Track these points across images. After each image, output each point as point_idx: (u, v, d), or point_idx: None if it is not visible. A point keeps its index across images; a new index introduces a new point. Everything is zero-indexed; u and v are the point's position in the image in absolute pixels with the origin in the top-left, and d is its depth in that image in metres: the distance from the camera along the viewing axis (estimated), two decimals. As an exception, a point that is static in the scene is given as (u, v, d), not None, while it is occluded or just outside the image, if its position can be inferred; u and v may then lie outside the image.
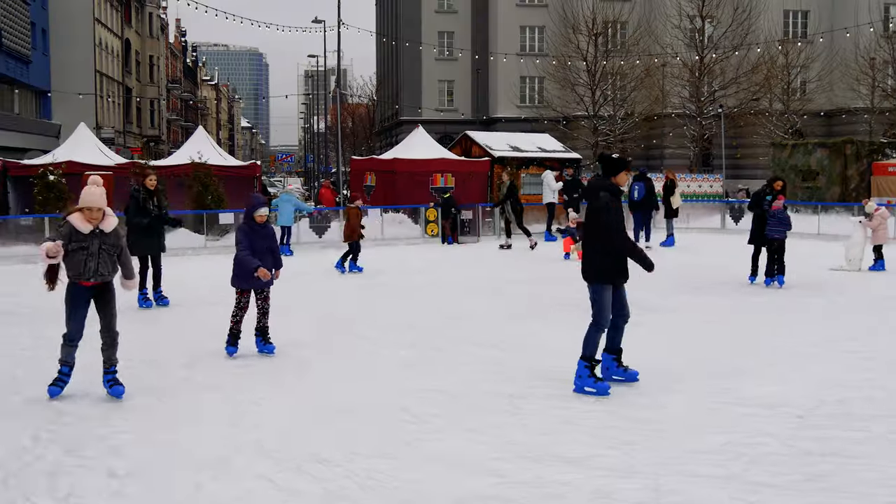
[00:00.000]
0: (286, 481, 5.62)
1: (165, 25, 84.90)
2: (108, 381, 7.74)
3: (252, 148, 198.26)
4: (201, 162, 24.30)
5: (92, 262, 7.47)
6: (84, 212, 7.48)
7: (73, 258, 7.43)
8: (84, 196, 7.52)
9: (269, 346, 9.54)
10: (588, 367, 7.79)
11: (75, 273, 7.47)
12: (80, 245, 7.42)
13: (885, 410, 7.14)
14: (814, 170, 30.29)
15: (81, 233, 7.42)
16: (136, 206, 12.96)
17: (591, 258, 7.87)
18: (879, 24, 48.04)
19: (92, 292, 7.63)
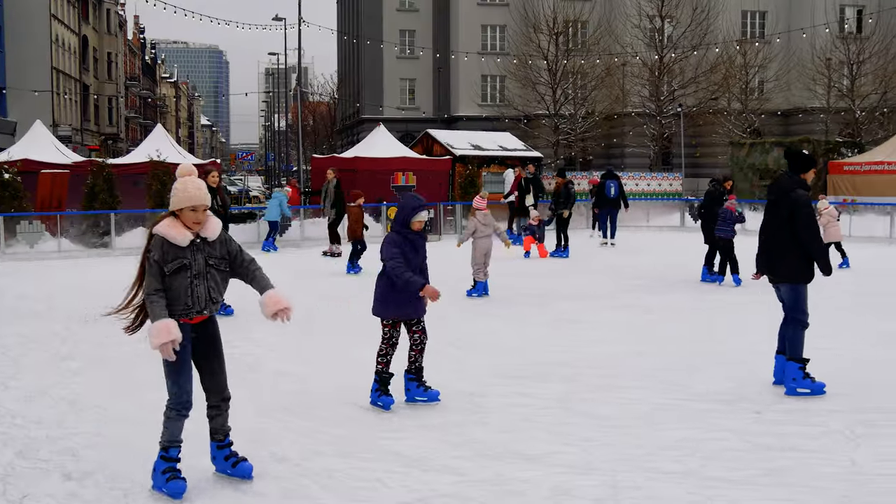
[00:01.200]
0: (245, 481, 5.56)
1: (123, 22, 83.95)
2: (227, 457, 5.67)
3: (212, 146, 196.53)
4: (160, 160, 24.04)
5: (201, 287, 5.33)
6: (183, 215, 5.31)
7: (172, 285, 5.26)
8: (183, 192, 5.30)
9: (432, 391, 7.43)
10: (801, 368, 7.59)
11: (179, 307, 5.28)
12: (181, 264, 5.27)
13: (843, 406, 7.23)
14: (771, 168, 30.65)
15: (179, 246, 5.28)
16: None
17: (784, 257, 7.65)
18: (835, 25, 48.73)
19: (194, 332, 5.47)
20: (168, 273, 5.22)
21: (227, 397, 5.63)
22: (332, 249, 20.08)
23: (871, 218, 25.09)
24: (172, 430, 5.44)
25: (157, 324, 5.10)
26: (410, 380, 7.44)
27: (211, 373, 5.55)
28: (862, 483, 5.51)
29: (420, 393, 7.41)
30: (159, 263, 5.21)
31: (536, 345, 9.93)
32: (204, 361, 5.53)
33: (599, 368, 8.68)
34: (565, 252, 19.96)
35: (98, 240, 21.61)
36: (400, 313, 7.24)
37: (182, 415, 5.42)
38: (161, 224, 5.29)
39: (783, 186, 7.70)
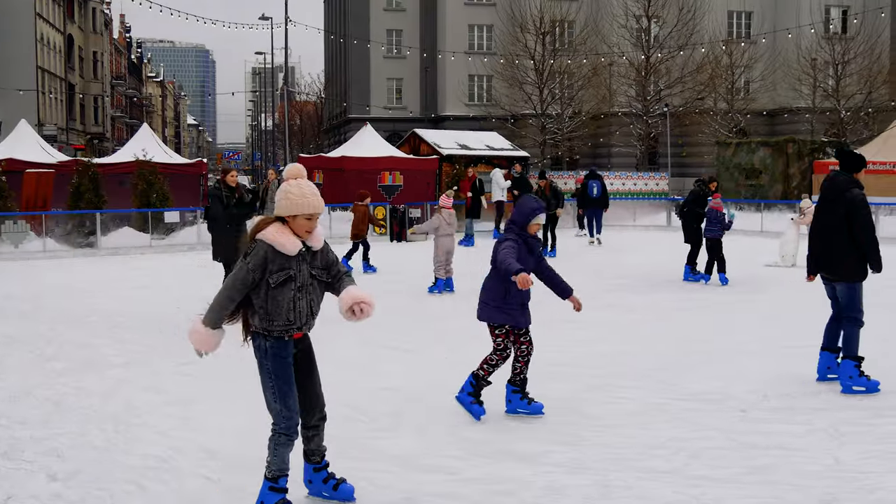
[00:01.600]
0: (232, 482, 5.55)
1: (109, 21, 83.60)
2: (326, 479, 5.26)
3: (199, 146, 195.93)
4: (146, 160, 23.96)
5: (303, 301, 4.93)
6: (295, 222, 4.88)
7: (276, 298, 4.84)
8: (301, 197, 4.84)
9: (536, 404, 7.03)
10: (857, 366, 7.63)
11: (281, 322, 4.89)
12: (288, 275, 4.84)
13: (827, 404, 7.27)
14: (757, 168, 30.78)
15: (286, 255, 4.82)
16: (220, 205, 11.57)
17: (843, 256, 7.70)
18: (820, 26, 48.97)
19: (295, 347, 5.08)
20: (273, 285, 4.79)
21: (325, 416, 5.26)
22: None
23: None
24: (283, 456, 4.98)
25: (204, 329, 4.84)
26: (514, 391, 7.02)
27: (312, 390, 5.15)
28: (846, 481, 5.54)
29: (524, 405, 6.99)
30: (254, 273, 4.77)
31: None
32: (304, 378, 5.10)
33: (589, 368, 8.70)
34: (553, 252, 19.99)
35: (83, 240, 21.51)
36: (511, 321, 6.86)
37: (292, 439, 4.97)
38: (268, 230, 4.80)
39: (839, 186, 7.80)
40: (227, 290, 4.82)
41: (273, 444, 4.97)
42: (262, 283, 4.79)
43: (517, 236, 6.87)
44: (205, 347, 4.89)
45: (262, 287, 4.80)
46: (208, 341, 4.86)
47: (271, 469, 4.99)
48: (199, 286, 15.03)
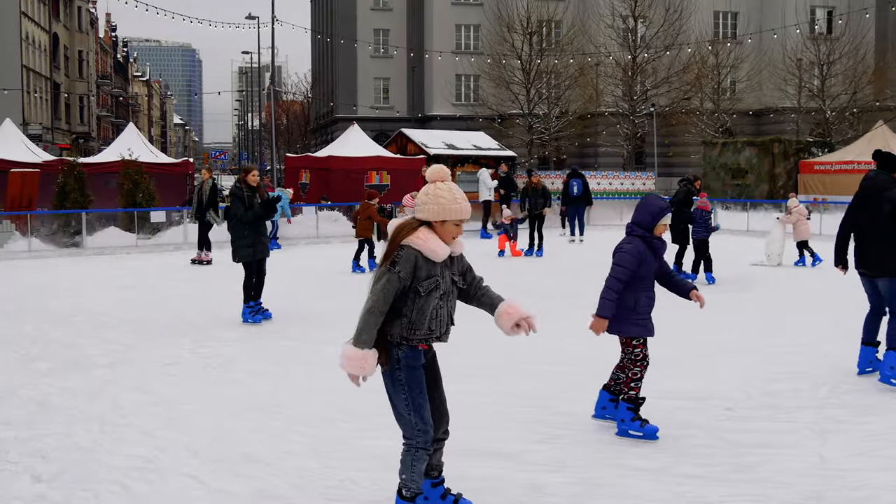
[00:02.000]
0: (216, 481, 5.54)
1: (95, 20, 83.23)
2: (444, 495, 5.00)
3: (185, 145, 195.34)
4: (132, 159, 23.89)
5: (444, 310, 4.69)
6: (445, 227, 4.63)
7: (422, 307, 4.59)
8: (453, 201, 4.61)
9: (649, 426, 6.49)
10: None
11: (423, 331, 4.63)
12: (435, 283, 4.60)
13: (810, 402, 7.31)
14: (743, 168, 30.91)
15: (433, 262, 4.59)
16: (242, 205, 11.14)
17: (886, 253, 7.80)
18: (806, 26, 49.19)
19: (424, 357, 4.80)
20: (423, 293, 4.54)
21: (449, 430, 5.01)
22: (202, 257, 18.71)
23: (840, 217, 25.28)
24: (420, 472, 4.76)
25: (360, 352, 4.50)
26: (611, 400, 6.69)
27: (440, 401, 4.89)
28: (830, 478, 5.57)
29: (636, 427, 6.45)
30: (404, 281, 4.49)
31: (510, 343, 9.93)
32: (432, 390, 4.82)
33: (572, 366, 8.72)
34: (540, 251, 20.02)
35: (69, 239, 21.42)
36: (646, 333, 6.49)
37: (428, 452, 4.73)
38: (417, 236, 4.53)
39: (880, 186, 8.02)
40: (376, 305, 4.49)
41: (410, 460, 4.70)
42: (409, 291, 4.53)
43: (642, 239, 6.46)
44: (363, 372, 4.52)
45: (410, 295, 4.55)
46: (366, 364, 4.51)
47: (409, 488, 4.75)
48: (186, 286, 15.02)
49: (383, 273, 4.52)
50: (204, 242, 18.68)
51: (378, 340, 4.56)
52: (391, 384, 4.71)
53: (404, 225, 4.60)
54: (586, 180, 23.66)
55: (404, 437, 4.74)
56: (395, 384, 4.68)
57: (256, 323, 11.15)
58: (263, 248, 11.41)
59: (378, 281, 4.53)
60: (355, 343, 4.50)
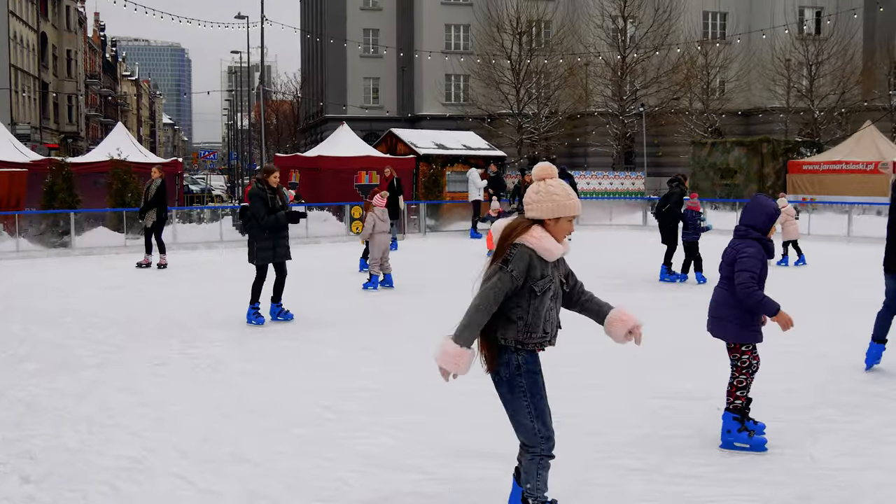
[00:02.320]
0: (206, 482, 5.52)
1: (83, 19, 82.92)
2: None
3: (174, 145, 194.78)
4: (121, 159, 23.81)
5: (554, 312, 4.55)
6: (559, 225, 4.48)
7: (538, 308, 4.43)
8: (567, 198, 4.48)
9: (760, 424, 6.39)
10: None
11: (538, 334, 4.48)
12: (549, 283, 4.45)
13: (803, 402, 7.33)
14: (732, 168, 30.99)
15: (546, 262, 4.43)
16: (264, 206, 10.89)
17: None
18: (794, 27, 49.36)
19: None
20: (539, 293, 4.38)
21: None
22: (148, 260, 17.89)
23: (829, 216, 25.44)
24: (545, 480, 4.56)
25: (459, 349, 4.28)
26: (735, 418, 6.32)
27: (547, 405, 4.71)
28: (820, 478, 5.59)
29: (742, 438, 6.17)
30: (516, 280, 4.32)
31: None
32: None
33: (563, 366, 8.69)
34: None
35: (57, 240, 21.32)
36: (758, 339, 6.22)
37: (552, 458, 4.57)
38: (531, 234, 4.37)
39: None
40: (484, 303, 4.32)
41: (535, 468, 4.52)
42: (523, 292, 4.35)
43: (760, 242, 6.14)
44: (458, 370, 4.30)
45: (526, 296, 4.37)
46: (461, 363, 4.28)
47: (537, 497, 4.56)
48: (175, 286, 14.97)
49: (494, 271, 4.35)
50: (150, 245, 17.91)
51: (490, 346, 4.43)
52: (510, 391, 4.50)
53: (517, 223, 4.45)
54: (574, 180, 23.82)
55: (526, 446, 4.54)
56: (514, 391, 4.48)
57: (259, 324, 11.04)
58: (285, 251, 11.23)
59: (489, 279, 4.36)
60: (456, 339, 4.29)
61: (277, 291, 11.31)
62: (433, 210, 27.13)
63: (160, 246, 17.72)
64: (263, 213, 10.84)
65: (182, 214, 23.26)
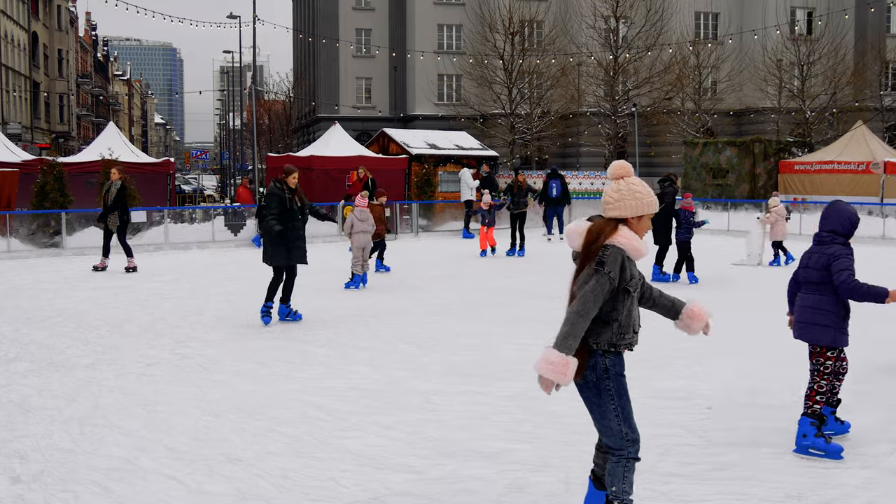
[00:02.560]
0: (197, 482, 5.51)
1: (75, 19, 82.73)
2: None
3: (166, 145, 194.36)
4: (112, 159, 23.74)
5: (636, 311, 4.53)
6: (641, 223, 4.46)
7: (630, 309, 4.43)
8: (648, 195, 4.45)
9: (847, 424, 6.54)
10: None
11: (629, 336, 4.47)
12: (637, 285, 4.44)
13: (790, 401, 7.34)
14: (724, 168, 31.03)
15: (634, 262, 4.41)
16: (278, 206, 10.82)
17: None
18: (786, 27, 49.48)
19: None
20: (633, 293, 4.36)
21: None
22: (104, 263, 17.18)
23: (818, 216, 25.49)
24: (631, 483, 4.47)
25: (564, 357, 4.15)
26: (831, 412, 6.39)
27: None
28: (810, 476, 5.61)
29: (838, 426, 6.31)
30: (613, 282, 4.23)
31: (493, 343, 9.96)
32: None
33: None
34: (521, 251, 20.05)
35: (48, 240, 21.26)
36: (847, 342, 6.14)
37: (638, 461, 4.50)
38: (622, 234, 4.30)
39: None
40: (586, 308, 4.21)
41: (622, 471, 4.43)
42: (618, 293, 4.29)
43: (847, 247, 6.14)
44: (563, 380, 4.17)
45: (620, 297, 4.31)
46: (567, 371, 4.15)
47: (623, 501, 4.45)
48: (167, 286, 14.95)
49: (590, 275, 4.23)
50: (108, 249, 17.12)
51: (582, 352, 4.32)
52: (597, 395, 4.41)
53: (603, 224, 4.35)
54: (565, 180, 23.99)
55: (612, 449, 4.46)
56: (602, 395, 4.39)
57: (265, 324, 11.00)
58: (300, 253, 11.13)
59: (586, 283, 4.23)
60: (559, 347, 4.16)
61: (286, 293, 11.26)
62: (425, 210, 27.14)
63: (126, 249, 17.09)
64: (274, 212, 10.74)
65: (174, 214, 23.19)
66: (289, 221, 10.89)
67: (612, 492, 4.45)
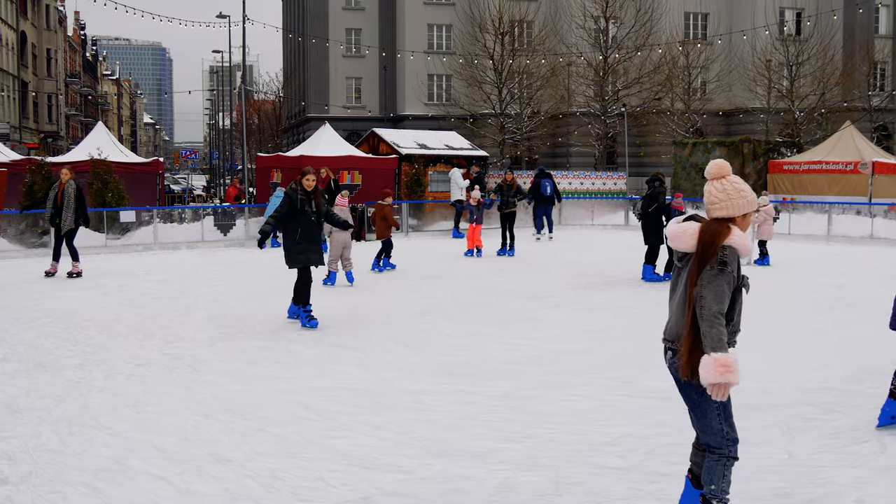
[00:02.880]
0: (186, 482, 5.51)
1: (63, 18, 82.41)
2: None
3: (155, 144, 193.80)
4: (101, 158, 23.67)
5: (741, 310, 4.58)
6: (745, 221, 4.54)
7: (739, 308, 4.52)
8: (750, 193, 4.53)
9: None
10: None
11: (737, 334, 4.62)
12: (746, 284, 4.52)
13: (777, 400, 7.38)
14: (713, 168, 31.08)
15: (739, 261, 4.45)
16: (287, 208, 10.79)
17: None
18: (775, 28, 49.62)
19: None
20: (747, 292, 4.46)
21: None
22: (55, 268, 16.27)
23: (809, 216, 25.61)
24: (729, 481, 4.52)
25: (731, 357, 4.18)
26: None
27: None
28: (798, 474, 5.63)
29: None
30: (736, 281, 4.34)
31: (482, 342, 9.97)
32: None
33: (544, 366, 8.74)
34: (511, 251, 20.06)
35: (37, 239, 21.19)
36: None
37: (737, 459, 4.55)
38: (736, 234, 4.35)
39: None
40: (721, 307, 4.25)
41: (721, 470, 4.48)
42: (735, 293, 4.39)
43: None
44: (736, 378, 4.19)
45: (737, 296, 4.42)
46: (737, 368, 4.18)
47: (722, 499, 4.50)
48: (156, 286, 14.91)
49: (714, 276, 4.26)
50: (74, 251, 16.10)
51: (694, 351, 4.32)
52: (699, 394, 4.42)
53: (717, 224, 4.39)
54: (554, 179, 24.25)
55: (712, 448, 4.50)
56: (705, 393, 4.34)
57: (313, 328, 10.76)
58: (318, 256, 11.05)
59: (710, 284, 4.25)
60: (720, 349, 4.17)
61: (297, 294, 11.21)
62: (415, 210, 27.14)
63: (74, 253, 16.08)
64: (278, 213, 10.76)
65: (163, 214, 23.12)
66: (301, 224, 10.79)
67: (710, 490, 4.50)
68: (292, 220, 10.82)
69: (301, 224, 10.82)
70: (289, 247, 10.89)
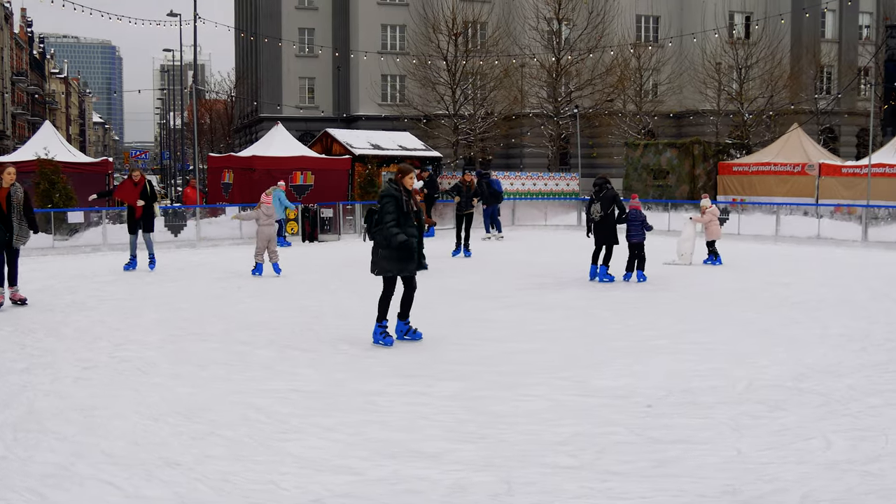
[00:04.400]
0: (134, 487, 5.43)
1: (10, 15, 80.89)
2: None
3: (105, 144, 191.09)
4: (48, 158, 23.29)
5: None
6: None
7: None
8: None
9: None
10: None
11: None
12: None
13: (726, 398, 7.48)
14: (664, 169, 31.44)
15: None
16: (397, 210, 9.58)
17: None
18: (724, 31, 50.26)
19: None
20: None
21: None
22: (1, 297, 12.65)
23: (758, 217, 25.99)
24: None
25: None
26: None
27: None
28: (745, 472, 5.70)
29: None
30: None
31: (434, 343, 9.97)
32: None
33: (496, 366, 8.77)
34: (467, 252, 20.09)
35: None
36: None
37: None
38: None
39: None
40: None
41: None
42: None
43: None
44: None
45: None
46: None
47: None
48: (104, 289, 14.70)
49: None
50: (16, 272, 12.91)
51: None
52: None
53: None
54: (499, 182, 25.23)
55: None
56: None
57: (388, 345, 9.80)
58: (421, 261, 10.00)
59: None
60: None
61: (405, 307, 10.11)
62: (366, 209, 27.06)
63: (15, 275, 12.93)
64: (392, 217, 9.51)
65: (112, 215, 22.79)
66: (405, 228, 9.65)
67: None
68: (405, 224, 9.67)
69: (404, 227, 9.65)
70: (382, 251, 9.71)
